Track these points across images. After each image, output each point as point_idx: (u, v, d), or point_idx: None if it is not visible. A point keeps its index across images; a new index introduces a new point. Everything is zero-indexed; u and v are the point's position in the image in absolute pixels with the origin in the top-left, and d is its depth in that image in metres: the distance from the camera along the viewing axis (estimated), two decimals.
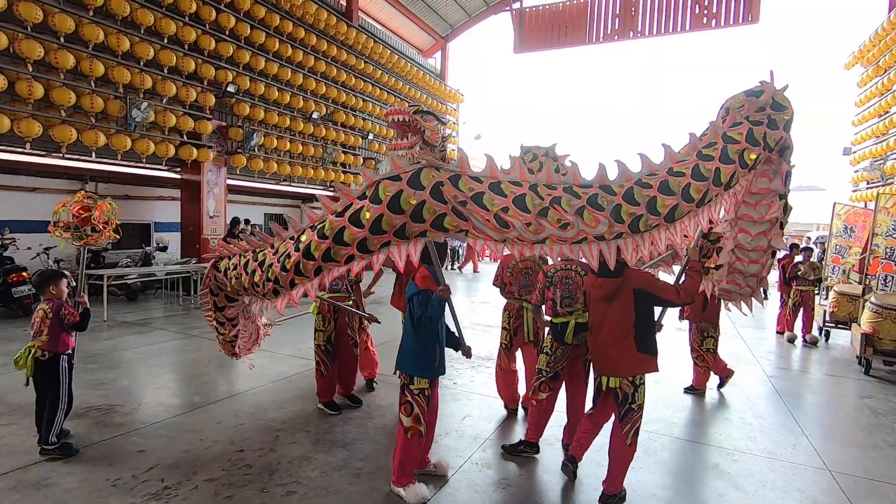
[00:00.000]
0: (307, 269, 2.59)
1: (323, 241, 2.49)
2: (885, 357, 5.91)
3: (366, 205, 2.42)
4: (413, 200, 2.36)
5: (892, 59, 13.02)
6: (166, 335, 6.81)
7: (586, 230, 2.29)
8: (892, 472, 3.47)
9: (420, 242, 2.48)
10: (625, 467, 2.93)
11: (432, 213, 2.38)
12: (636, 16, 14.95)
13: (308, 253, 2.55)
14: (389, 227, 2.41)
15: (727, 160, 2.39)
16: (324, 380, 4.24)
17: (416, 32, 18.92)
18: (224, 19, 10.11)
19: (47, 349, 3.30)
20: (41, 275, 3.55)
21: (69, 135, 7.70)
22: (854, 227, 8.70)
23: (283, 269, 2.66)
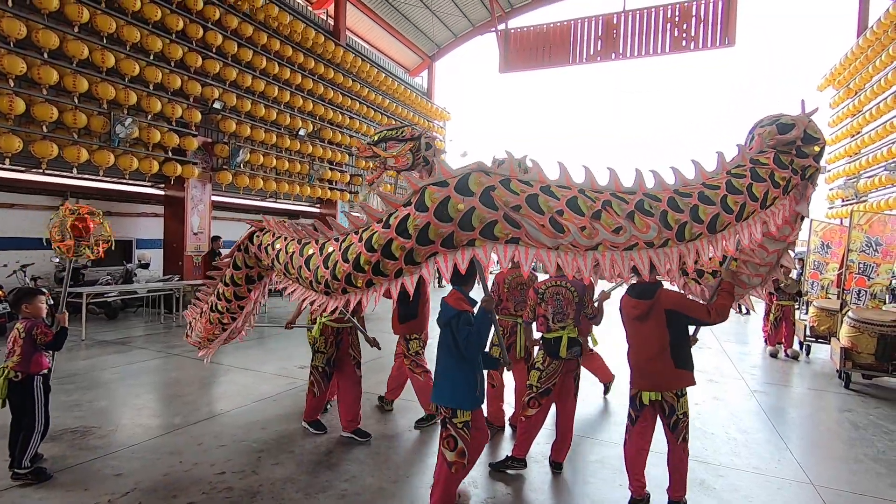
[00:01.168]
0: (358, 281, 2.41)
1: (372, 253, 2.31)
2: (863, 371, 6.02)
3: (412, 212, 2.24)
4: (461, 207, 2.19)
5: (863, 82, 13.56)
6: (147, 354, 6.66)
7: (638, 235, 2.23)
8: (873, 486, 3.52)
9: (468, 252, 2.29)
10: (686, 473, 3.04)
11: (482, 221, 2.20)
12: (617, 38, 15.37)
13: (358, 265, 2.36)
14: (437, 237, 2.23)
15: (758, 178, 2.42)
16: (315, 400, 4.15)
17: (403, 52, 19.19)
18: (211, 37, 10.15)
19: (20, 370, 3.19)
20: (16, 293, 3.50)
21: (50, 150, 7.59)
22: (830, 243, 8.85)
23: (333, 277, 2.47)
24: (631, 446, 3.12)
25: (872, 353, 5.87)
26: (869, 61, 13.07)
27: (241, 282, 3.37)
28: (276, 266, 2.94)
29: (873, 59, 12.81)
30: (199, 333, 3.70)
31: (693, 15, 14.54)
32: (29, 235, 9.63)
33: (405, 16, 17.47)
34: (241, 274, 3.36)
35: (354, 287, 2.43)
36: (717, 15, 14.27)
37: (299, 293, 2.75)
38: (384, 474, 3.45)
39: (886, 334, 5.80)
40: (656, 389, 2.99)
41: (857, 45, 13.64)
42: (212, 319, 3.54)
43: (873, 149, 12.68)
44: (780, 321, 7.73)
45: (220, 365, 6.24)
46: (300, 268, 2.67)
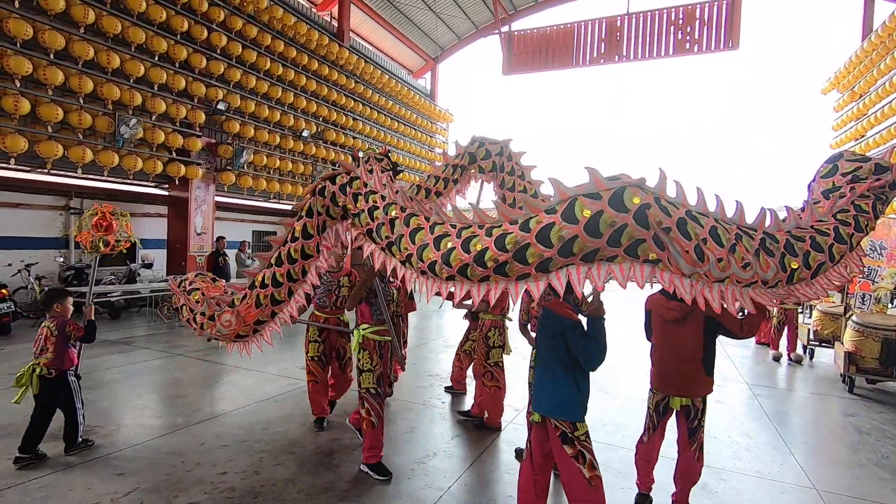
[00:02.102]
0: (474, 274, 2.28)
1: (502, 253, 2.19)
2: (867, 375, 5.98)
3: (557, 221, 2.11)
4: (614, 222, 2.07)
5: (867, 85, 13.52)
6: (149, 354, 6.68)
7: (759, 273, 2.18)
8: (876, 491, 3.50)
9: (604, 268, 2.16)
10: (695, 481, 3.07)
11: (630, 239, 2.09)
12: (621, 41, 15.37)
13: (481, 260, 2.24)
14: (580, 250, 2.12)
15: (859, 228, 2.45)
16: (374, 433, 3.47)
17: (406, 53, 19.22)
18: (216, 38, 10.20)
19: (54, 367, 3.45)
20: (46, 293, 3.73)
21: (55, 150, 7.63)
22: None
23: (445, 263, 2.34)
24: (648, 450, 3.14)
25: (877, 358, 5.84)
26: (873, 65, 13.03)
27: (314, 232, 3.07)
28: (360, 223, 2.76)
29: (878, 63, 12.78)
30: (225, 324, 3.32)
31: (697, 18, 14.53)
32: (33, 235, 9.68)
33: (409, 18, 17.51)
34: (315, 223, 3.05)
35: (465, 278, 2.33)
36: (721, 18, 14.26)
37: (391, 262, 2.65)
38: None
39: (891, 338, 5.76)
40: (687, 395, 2.97)
41: (861, 49, 13.60)
42: (260, 299, 3.20)
43: (878, 152, 12.63)
44: (783, 325, 7.71)
45: (223, 365, 6.26)
46: (401, 237, 2.53)
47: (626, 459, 3.78)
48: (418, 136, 18.68)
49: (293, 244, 3.10)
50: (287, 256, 3.12)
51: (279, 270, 3.14)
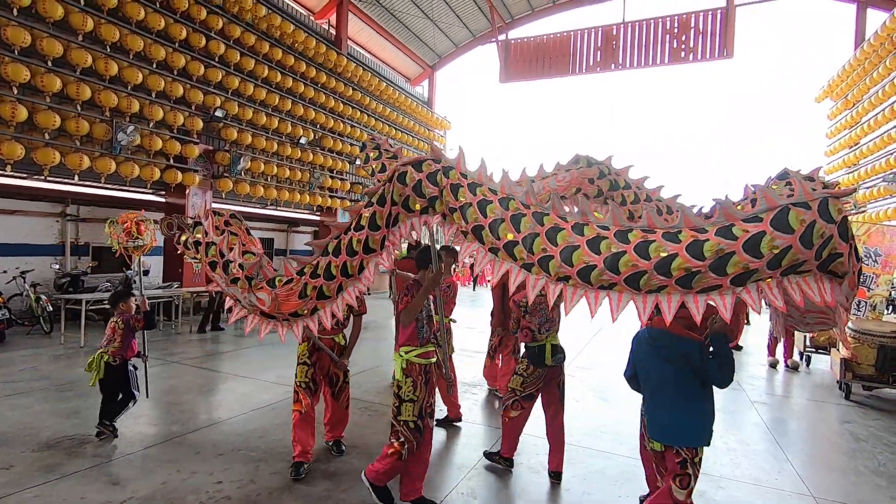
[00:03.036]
0: (649, 284, 2.10)
1: (697, 261, 2.01)
2: (863, 382, 6.00)
3: (767, 230, 1.93)
4: (824, 233, 1.93)
5: (860, 94, 13.66)
6: None
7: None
8: (873, 498, 3.50)
9: (794, 282, 2.00)
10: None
11: (830, 252, 1.95)
12: (617, 49, 15.51)
13: (665, 268, 2.05)
14: (790, 262, 1.95)
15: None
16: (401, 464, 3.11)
17: (404, 61, 19.34)
18: (214, 46, 10.24)
19: (118, 355, 4.05)
20: (114, 295, 4.36)
21: (52, 157, 7.63)
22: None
23: (610, 269, 2.12)
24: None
25: (873, 364, 5.86)
26: (866, 73, 13.18)
27: (382, 223, 2.70)
28: (464, 219, 2.44)
29: (870, 72, 12.92)
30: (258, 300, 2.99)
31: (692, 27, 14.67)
32: (30, 242, 9.64)
33: (406, 26, 17.63)
34: (385, 213, 2.69)
35: (632, 288, 2.11)
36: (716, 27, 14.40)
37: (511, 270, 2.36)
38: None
39: (886, 345, 5.79)
40: None
41: (854, 58, 13.76)
42: (307, 289, 2.87)
43: (871, 160, 12.75)
44: None
45: (219, 373, 6.22)
46: (533, 237, 2.26)
47: (624, 466, 3.77)
48: (415, 144, 18.75)
49: (357, 233, 2.72)
50: (347, 247, 2.75)
51: (335, 261, 2.77)
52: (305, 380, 3.67)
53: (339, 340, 3.85)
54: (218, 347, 7.75)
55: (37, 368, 6.06)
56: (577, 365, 7.20)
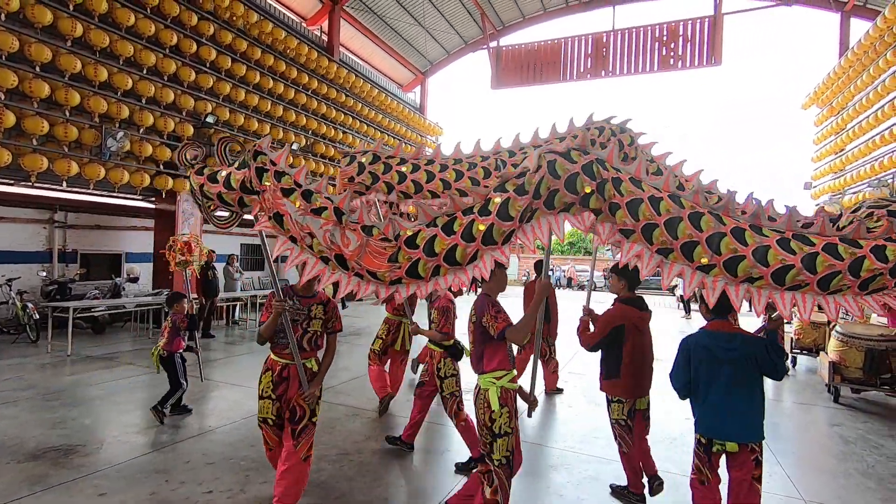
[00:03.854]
0: (793, 280, 2.12)
1: (789, 254, 2.07)
2: (852, 384, 6.07)
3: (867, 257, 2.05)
4: None
5: (845, 101, 13.89)
6: (134, 370, 6.56)
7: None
8: (862, 500, 3.53)
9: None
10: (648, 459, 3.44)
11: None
12: (607, 56, 15.68)
13: (811, 264, 2.08)
14: (875, 286, 2.10)
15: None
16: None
17: (396, 67, 19.39)
18: (205, 52, 10.21)
19: (167, 349, 4.70)
20: (169, 297, 5.00)
21: (40, 163, 7.54)
22: None
23: (760, 261, 2.13)
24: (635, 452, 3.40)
25: (860, 367, 5.92)
26: (850, 81, 13.41)
27: (515, 214, 2.33)
28: (628, 217, 2.28)
29: (854, 79, 13.15)
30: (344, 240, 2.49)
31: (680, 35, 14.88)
32: (16, 249, 9.51)
33: (398, 33, 17.70)
34: (522, 205, 2.32)
35: (774, 285, 2.14)
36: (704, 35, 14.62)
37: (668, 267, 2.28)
38: (374, 492, 3.41)
39: (874, 348, 5.86)
40: (647, 394, 3.38)
41: (839, 66, 14.00)
42: (399, 256, 2.46)
43: (857, 165, 12.95)
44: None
45: (209, 381, 6.16)
46: (720, 237, 2.18)
47: (619, 471, 3.78)
48: (408, 150, 18.75)
49: (482, 218, 2.34)
50: (464, 229, 2.36)
51: (443, 239, 2.37)
52: (271, 416, 3.00)
53: (311, 365, 3.08)
54: (208, 355, 7.67)
55: (22, 378, 5.96)
56: (570, 371, 7.21)
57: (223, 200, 2.82)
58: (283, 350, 2.99)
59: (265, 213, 2.65)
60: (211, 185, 2.81)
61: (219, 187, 2.78)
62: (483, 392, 2.70)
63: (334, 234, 2.49)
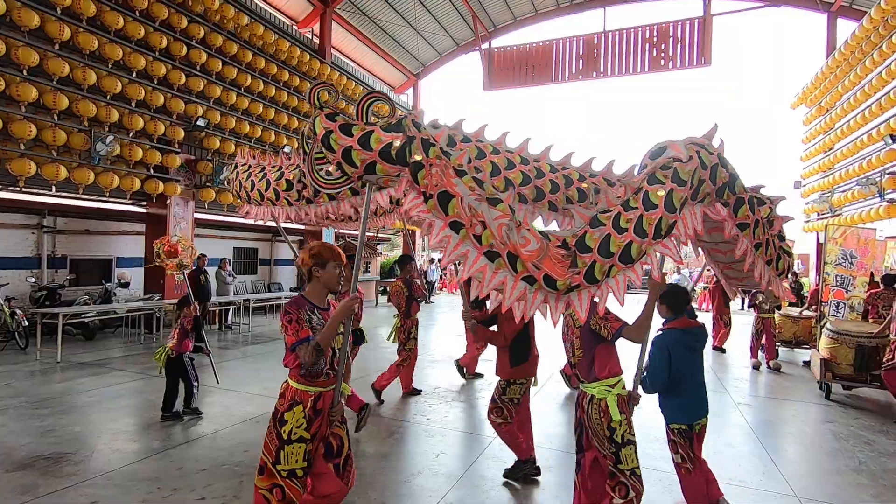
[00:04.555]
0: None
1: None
2: (843, 381, 6.13)
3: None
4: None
5: (833, 100, 14.05)
6: (125, 376, 6.49)
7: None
8: (855, 497, 3.56)
9: None
10: None
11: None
12: (598, 58, 15.76)
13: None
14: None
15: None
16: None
17: (388, 70, 19.38)
18: (195, 54, 10.15)
19: (175, 349, 4.81)
20: (179, 301, 5.23)
21: (28, 168, 7.46)
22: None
23: None
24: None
25: (851, 364, 5.98)
26: (838, 80, 13.57)
27: (678, 205, 2.18)
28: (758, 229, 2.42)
29: (842, 79, 13.30)
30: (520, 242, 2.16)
31: (671, 36, 15.00)
32: (4, 255, 9.39)
33: (390, 35, 17.70)
34: (682, 196, 2.19)
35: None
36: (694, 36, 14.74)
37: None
38: (370, 496, 3.39)
39: (864, 345, 5.92)
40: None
41: (826, 66, 14.16)
42: (577, 261, 2.18)
43: (846, 164, 13.09)
44: (760, 333, 7.86)
45: (202, 386, 6.09)
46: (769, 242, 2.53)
47: None
48: None
49: (650, 211, 2.16)
50: (634, 224, 2.17)
51: (618, 238, 2.16)
52: (301, 465, 2.39)
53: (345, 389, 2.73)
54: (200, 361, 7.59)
55: (11, 385, 5.87)
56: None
57: (348, 159, 2.27)
58: (317, 378, 2.44)
59: (419, 190, 2.17)
60: (342, 137, 2.28)
61: (351, 142, 2.26)
62: (598, 402, 2.62)
63: (511, 229, 2.21)
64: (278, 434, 2.37)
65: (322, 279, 2.49)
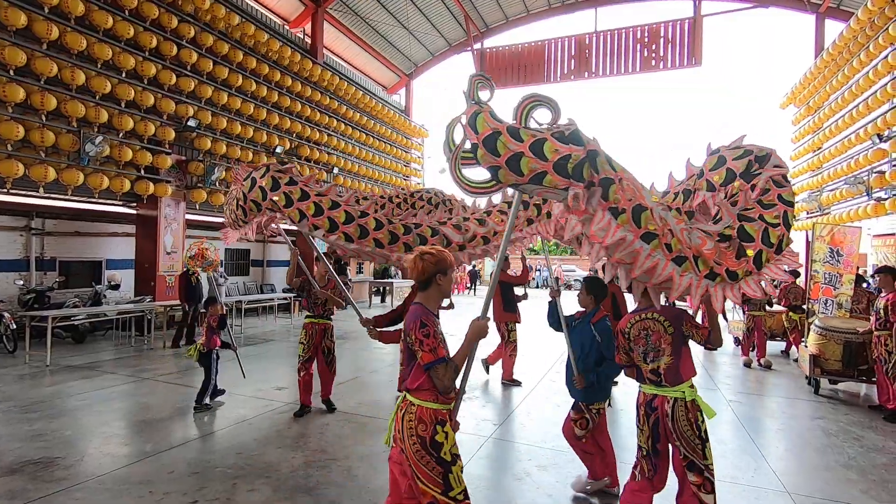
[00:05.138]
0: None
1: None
2: (831, 376, 6.24)
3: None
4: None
5: (822, 100, 14.21)
6: (116, 379, 6.43)
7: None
8: (845, 492, 3.60)
9: None
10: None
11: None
12: (590, 58, 15.84)
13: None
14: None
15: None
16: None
17: (380, 70, 19.34)
18: (186, 54, 10.07)
19: (205, 345, 5.25)
20: (207, 300, 5.64)
21: (15, 169, 7.37)
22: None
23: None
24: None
25: (839, 360, 6.09)
26: (826, 81, 13.73)
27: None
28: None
29: (830, 79, 13.46)
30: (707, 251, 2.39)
31: (661, 36, 15.11)
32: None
33: (382, 35, 17.66)
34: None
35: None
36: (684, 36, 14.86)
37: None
38: (364, 498, 3.38)
39: (851, 341, 6.01)
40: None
41: (815, 66, 14.32)
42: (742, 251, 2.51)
43: (834, 163, 13.24)
44: (751, 331, 7.94)
45: (194, 388, 6.05)
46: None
47: None
48: (393, 152, 18.73)
49: (767, 211, 2.59)
50: (783, 218, 2.61)
51: (773, 230, 2.55)
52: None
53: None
54: (192, 363, 7.52)
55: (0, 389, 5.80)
56: (557, 370, 7.25)
57: (514, 165, 2.05)
58: (449, 395, 2.29)
59: (607, 206, 2.14)
60: (511, 141, 2.06)
61: (522, 147, 2.05)
62: (686, 402, 2.71)
63: (691, 233, 2.37)
64: (438, 460, 2.16)
65: (443, 286, 2.38)
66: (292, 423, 4.83)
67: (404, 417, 2.21)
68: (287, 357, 8.17)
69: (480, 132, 2.03)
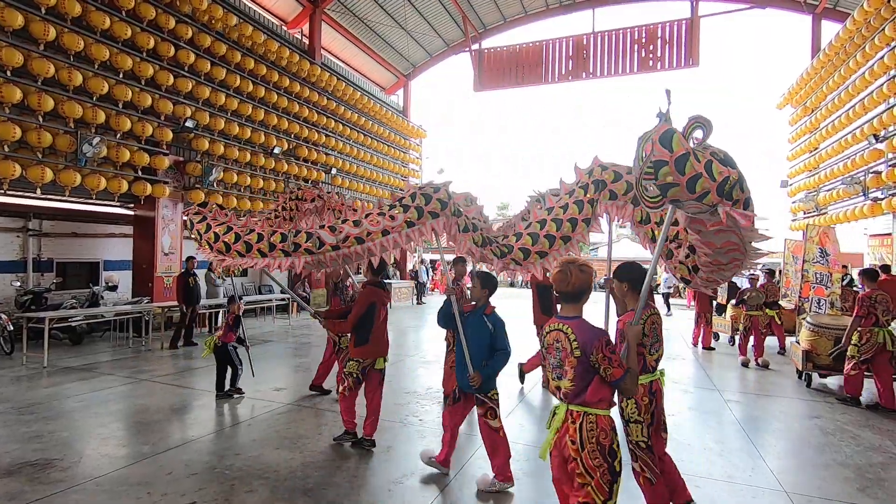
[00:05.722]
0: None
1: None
2: (820, 371, 6.47)
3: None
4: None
5: (818, 100, 14.27)
6: (113, 380, 6.41)
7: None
8: (842, 490, 3.61)
9: None
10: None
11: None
12: (588, 59, 15.86)
13: None
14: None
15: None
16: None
17: (378, 70, 19.35)
18: (183, 55, 10.06)
19: (221, 339, 5.60)
20: (229, 298, 6.09)
21: (12, 170, 7.35)
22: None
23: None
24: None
25: (830, 355, 6.25)
26: (823, 81, 13.78)
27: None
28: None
29: (826, 79, 13.51)
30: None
31: (659, 37, 15.13)
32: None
33: (380, 35, 17.66)
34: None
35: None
36: (682, 37, 14.89)
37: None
38: (361, 498, 3.38)
39: (842, 337, 6.09)
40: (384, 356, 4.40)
41: (811, 66, 14.37)
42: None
43: (830, 163, 13.30)
44: (748, 331, 7.97)
45: (192, 389, 6.05)
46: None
47: None
48: (391, 153, 18.73)
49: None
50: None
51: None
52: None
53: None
54: (191, 364, 7.55)
55: None
56: None
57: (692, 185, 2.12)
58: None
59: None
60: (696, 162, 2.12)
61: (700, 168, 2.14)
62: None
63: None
64: (610, 468, 2.21)
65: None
66: (290, 424, 4.82)
67: (582, 427, 2.23)
68: (286, 358, 8.16)
69: (675, 151, 2.10)
